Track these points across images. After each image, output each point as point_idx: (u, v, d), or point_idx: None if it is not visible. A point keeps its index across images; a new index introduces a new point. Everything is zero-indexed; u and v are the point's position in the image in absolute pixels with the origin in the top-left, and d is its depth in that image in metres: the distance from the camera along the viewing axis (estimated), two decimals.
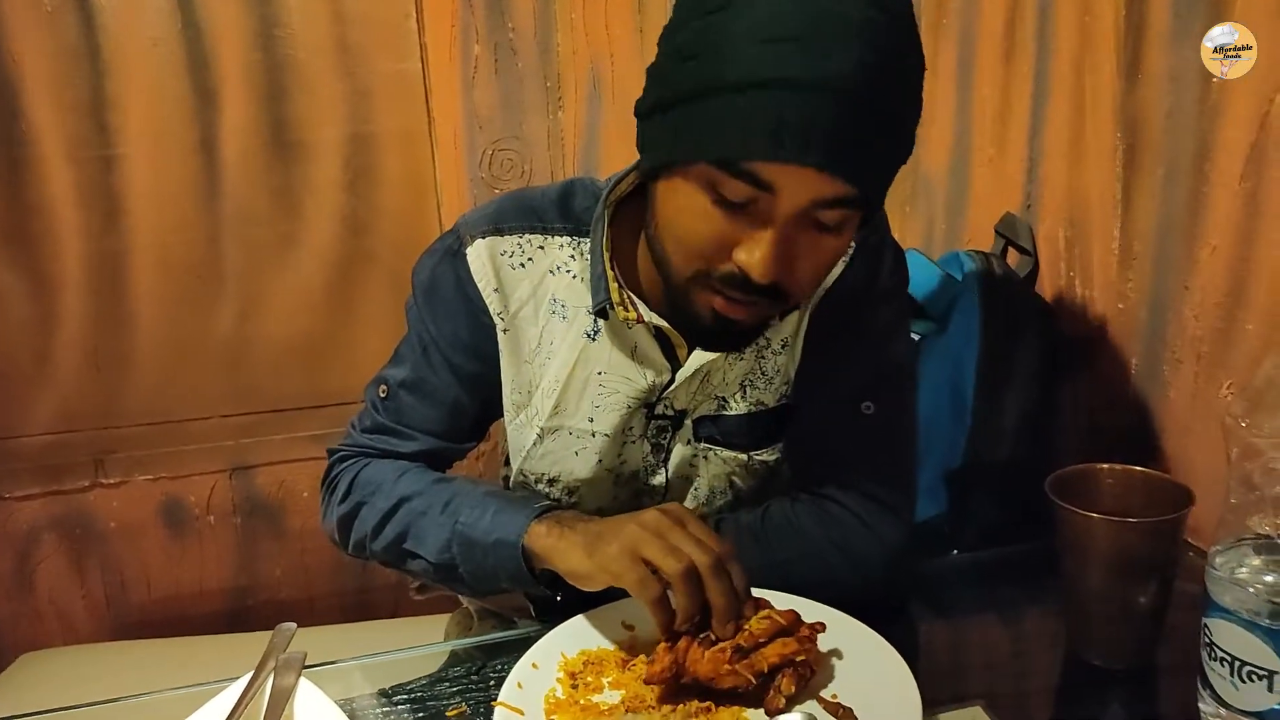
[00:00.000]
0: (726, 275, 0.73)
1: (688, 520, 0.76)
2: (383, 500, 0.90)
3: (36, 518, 1.54)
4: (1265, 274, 0.95)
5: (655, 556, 0.72)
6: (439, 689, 0.83)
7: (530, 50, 1.51)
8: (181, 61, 1.43)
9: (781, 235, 0.71)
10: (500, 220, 0.90)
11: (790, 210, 0.70)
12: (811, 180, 0.68)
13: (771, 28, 0.65)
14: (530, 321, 0.90)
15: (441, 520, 0.86)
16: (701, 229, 0.73)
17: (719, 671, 0.70)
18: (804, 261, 0.74)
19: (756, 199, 0.70)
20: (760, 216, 0.71)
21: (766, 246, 0.70)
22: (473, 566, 0.85)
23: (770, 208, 0.70)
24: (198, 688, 0.81)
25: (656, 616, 0.73)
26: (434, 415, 0.94)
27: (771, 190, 0.69)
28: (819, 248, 0.74)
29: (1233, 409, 0.68)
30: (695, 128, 0.69)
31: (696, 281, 0.76)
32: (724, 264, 0.73)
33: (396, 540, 0.89)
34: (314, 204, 1.52)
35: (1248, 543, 0.69)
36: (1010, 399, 1.21)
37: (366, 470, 0.94)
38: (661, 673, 0.70)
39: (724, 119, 0.67)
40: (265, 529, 1.63)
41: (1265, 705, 0.67)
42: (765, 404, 0.92)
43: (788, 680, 0.71)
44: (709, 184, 0.71)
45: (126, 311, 1.50)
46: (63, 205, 1.45)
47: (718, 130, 0.68)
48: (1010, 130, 1.35)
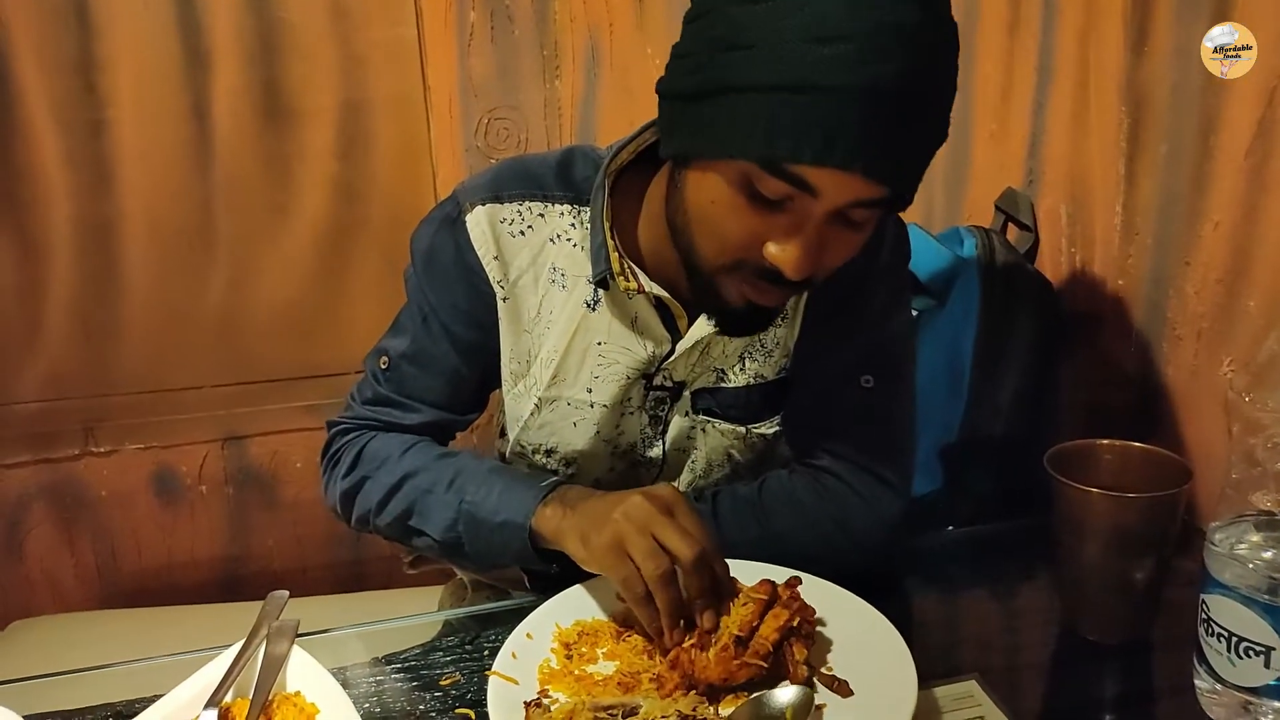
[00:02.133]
0: (758, 268, 0.73)
1: (676, 506, 0.75)
2: (387, 476, 0.90)
3: (26, 486, 1.53)
4: (1268, 251, 0.94)
5: (636, 557, 0.72)
6: (433, 658, 0.83)
7: (527, 17, 1.49)
8: (172, 24, 1.40)
9: (815, 233, 0.71)
10: (500, 188, 0.89)
11: (827, 210, 0.70)
12: (854, 184, 0.68)
13: (825, 28, 0.63)
14: (530, 290, 0.89)
15: (447, 498, 0.86)
16: (735, 224, 0.72)
17: (731, 670, 0.70)
18: (831, 254, 0.74)
19: (794, 198, 0.69)
20: (797, 215, 0.70)
21: (802, 246, 0.70)
22: (480, 546, 0.85)
23: (808, 207, 0.69)
24: (190, 654, 0.80)
25: (640, 616, 0.73)
26: (436, 385, 0.93)
27: (813, 192, 0.68)
28: (847, 241, 0.74)
29: (1235, 384, 0.68)
30: (739, 123, 0.68)
31: (726, 271, 0.76)
32: (756, 258, 0.73)
33: (401, 517, 0.89)
34: (307, 171, 1.50)
35: (1248, 519, 0.69)
36: (1008, 375, 1.21)
37: (371, 444, 0.93)
38: (674, 690, 0.70)
39: (772, 119, 0.66)
40: (257, 499, 1.62)
41: (1262, 681, 0.67)
42: (764, 377, 0.91)
43: (798, 647, 0.71)
44: (745, 179, 0.70)
45: (117, 278, 1.48)
46: (52, 169, 1.42)
47: (764, 130, 0.66)
48: (1013, 105, 1.33)
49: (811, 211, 0.70)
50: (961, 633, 0.91)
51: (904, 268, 0.95)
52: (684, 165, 0.75)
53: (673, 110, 0.74)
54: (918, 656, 0.71)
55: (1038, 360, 1.21)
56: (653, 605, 0.72)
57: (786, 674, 0.71)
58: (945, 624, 0.93)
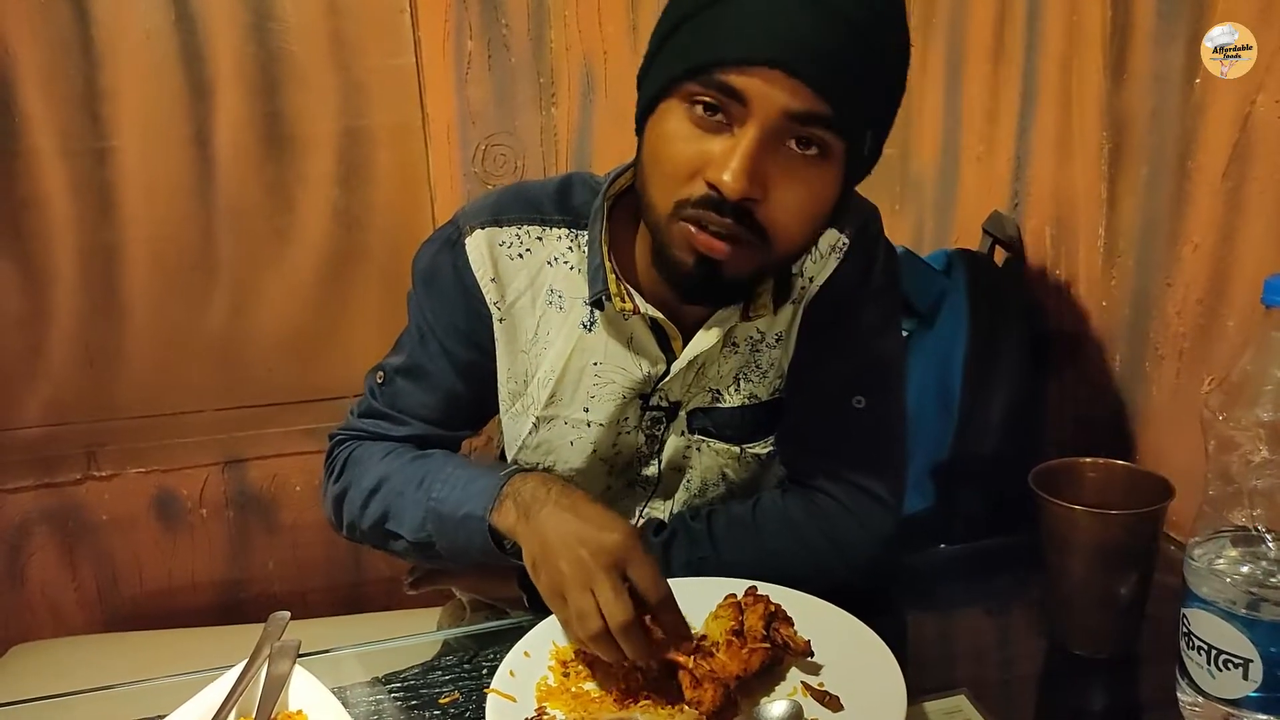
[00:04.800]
0: (702, 198, 0.73)
1: (629, 561, 0.72)
2: (367, 480, 0.92)
3: (28, 510, 1.54)
4: (1246, 271, 0.97)
5: (571, 614, 0.73)
6: (432, 677, 0.84)
7: (524, 46, 1.52)
8: (175, 54, 1.43)
9: (753, 148, 0.70)
10: (500, 212, 0.91)
11: (762, 121, 0.70)
12: (781, 88, 0.69)
13: None
14: (527, 311, 0.91)
15: (417, 497, 0.88)
16: (679, 151, 0.74)
17: (744, 659, 0.73)
18: (779, 192, 0.73)
19: (728, 108, 0.71)
20: (735, 137, 0.71)
21: (738, 158, 0.70)
22: (447, 543, 0.86)
23: (743, 118, 0.71)
24: (192, 675, 0.81)
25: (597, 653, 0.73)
26: (428, 401, 0.95)
27: (742, 100, 0.70)
28: (795, 176, 0.73)
29: (1210, 402, 0.69)
30: (676, 53, 0.73)
31: (675, 216, 0.75)
32: (699, 187, 0.73)
33: (379, 521, 0.91)
34: (307, 198, 1.52)
35: (1225, 534, 0.70)
36: (996, 394, 1.22)
37: (356, 451, 0.95)
38: (714, 701, 0.71)
39: (698, 33, 0.71)
40: (258, 522, 1.63)
41: (1241, 693, 0.69)
42: (758, 397, 0.93)
43: (785, 627, 0.75)
44: (688, 104, 0.73)
45: (119, 305, 1.50)
46: (56, 198, 1.45)
47: (693, 45, 0.71)
48: (998, 129, 1.36)
49: (747, 122, 0.71)
50: (951, 648, 0.93)
51: (895, 289, 0.96)
52: (642, 127, 0.78)
53: (639, 86, 0.78)
54: (908, 671, 0.72)
55: (1025, 380, 1.23)
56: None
57: (789, 649, 0.74)
58: (935, 639, 0.94)
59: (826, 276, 0.90)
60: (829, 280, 0.90)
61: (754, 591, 0.79)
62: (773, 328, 0.91)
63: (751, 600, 0.77)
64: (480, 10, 1.49)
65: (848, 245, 0.90)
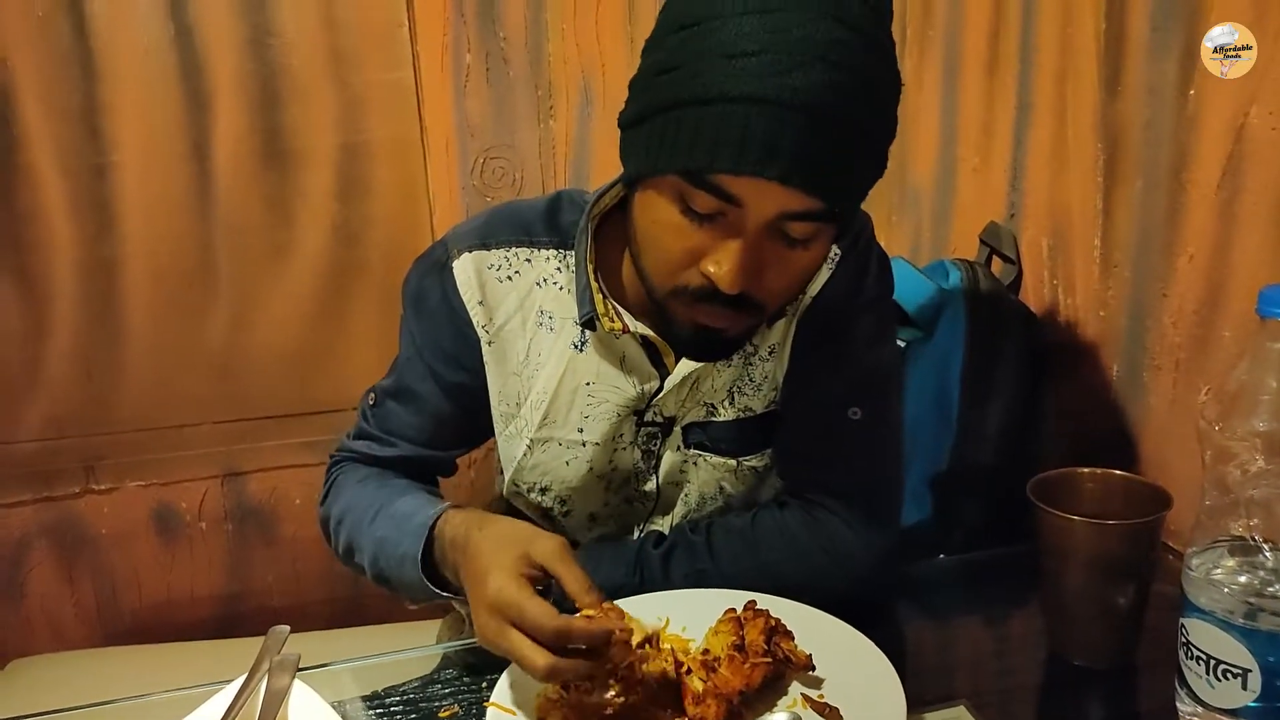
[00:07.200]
0: (698, 289, 0.75)
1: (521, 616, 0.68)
2: (337, 509, 0.93)
3: (27, 524, 1.54)
4: (1241, 282, 0.97)
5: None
6: (431, 690, 0.84)
7: (521, 59, 1.53)
8: (174, 69, 1.44)
9: (749, 246, 0.72)
10: (488, 234, 0.91)
11: (757, 223, 0.72)
12: (777, 194, 0.69)
13: (738, 44, 0.67)
14: (518, 334, 0.91)
15: (370, 531, 0.88)
16: (673, 242, 0.75)
17: (747, 675, 0.73)
18: (774, 273, 0.75)
19: (724, 211, 0.72)
20: (729, 229, 0.72)
21: (733, 258, 0.72)
22: (395, 580, 0.86)
23: (738, 220, 0.72)
24: (192, 690, 0.81)
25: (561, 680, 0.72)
26: (416, 423, 0.95)
27: (738, 203, 0.71)
28: (789, 260, 0.75)
29: (1206, 413, 0.70)
30: (666, 140, 0.71)
31: (674, 297, 0.78)
32: (695, 277, 0.75)
33: (349, 552, 0.92)
34: (306, 212, 1.53)
35: (1223, 544, 0.71)
36: (994, 405, 1.23)
37: (340, 476, 0.97)
38: (717, 717, 0.71)
39: (692, 132, 0.69)
40: (257, 536, 1.63)
41: (1240, 703, 0.69)
42: (753, 410, 0.93)
43: (786, 640, 0.75)
44: (679, 196, 0.73)
45: (118, 319, 1.50)
46: (55, 213, 1.45)
47: (686, 143, 0.70)
48: (994, 141, 1.37)
49: (743, 225, 0.72)
50: (951, 658, 0.93)
51: (888, 299, 0.97)
52: (634, 190, 0.79)
53: (623, 138, 0.78)
54: (907, 683, 0.72)
55: (1023, 390, 1.23)
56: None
57: (791, 663, 0.74)
58: (935, 650, 0.94)
59: (819, 288, 0.91)
60: (821, 292, 0.91)
61: (753, 606, 0.79)
62: (766, 341, 0.92)
63: (751, 615, 0.77)
64: (478, 24, 1.50)
65: (839, 256, 0.90)
